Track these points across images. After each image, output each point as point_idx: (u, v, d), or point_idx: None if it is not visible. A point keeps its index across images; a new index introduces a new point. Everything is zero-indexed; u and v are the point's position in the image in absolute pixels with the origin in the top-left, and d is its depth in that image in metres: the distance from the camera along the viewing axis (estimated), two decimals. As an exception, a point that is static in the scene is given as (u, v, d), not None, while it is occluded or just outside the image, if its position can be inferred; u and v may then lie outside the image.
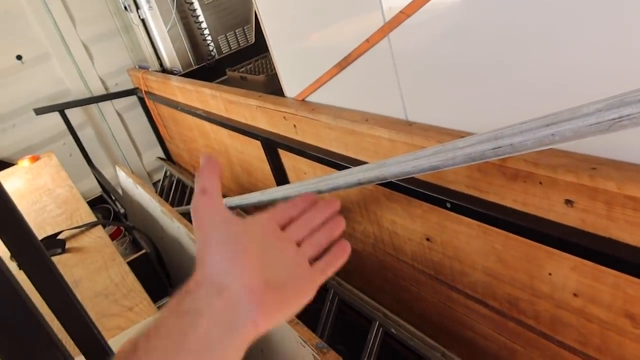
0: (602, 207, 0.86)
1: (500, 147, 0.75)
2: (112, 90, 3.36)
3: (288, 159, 1.89)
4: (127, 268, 1.40)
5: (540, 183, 0.94)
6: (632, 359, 0.99)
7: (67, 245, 1.66)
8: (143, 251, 1.63)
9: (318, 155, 1.56)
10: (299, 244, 0.47)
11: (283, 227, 0.48)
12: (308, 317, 1.99)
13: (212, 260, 0.40)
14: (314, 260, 0.47)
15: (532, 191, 0.97)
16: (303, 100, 1.63)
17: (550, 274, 1.06)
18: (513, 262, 1.13)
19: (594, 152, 0.89)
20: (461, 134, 1.10)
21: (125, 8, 2.82)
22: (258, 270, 0.40)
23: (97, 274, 1.41)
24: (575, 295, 1.03)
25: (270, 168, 1.96)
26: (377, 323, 1.60)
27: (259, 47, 2.70)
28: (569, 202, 0.91)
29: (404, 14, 1.09)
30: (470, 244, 1.23)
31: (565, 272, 1.02)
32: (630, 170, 0.83)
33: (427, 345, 1.45)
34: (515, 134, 0.72)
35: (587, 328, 1.05)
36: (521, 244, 1.08)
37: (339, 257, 0.49)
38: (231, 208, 1.81)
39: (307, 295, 0.44)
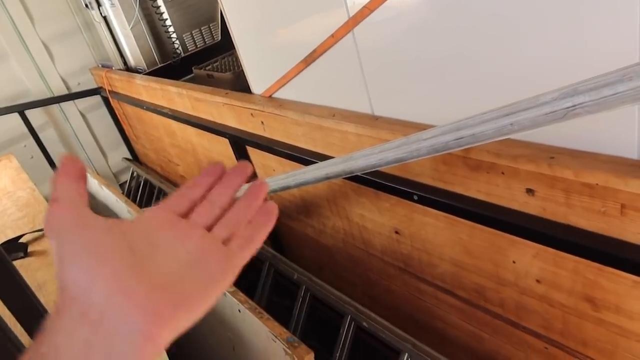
0: (560, 195, 0.89)
1: (462, 138, 0.76)
2: (75, 90, 3.27)
3: (256, 156, 1.88)
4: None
5: (503, 173, 0.96)
6: (592, 341, 1.02)
7: (30, 249, 1.61)
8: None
9: (286, 151, 1.56)
10: (209, 229, 0.40)
11: (186, 214, 0.41)
12: (280, 313, 1.99)
13: (70, 277, 0.32)
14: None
15: (495, 181, 0.99)
16: (270, 96, 1.62)
17: (514, 262, 1.08)
18: (479, 251, 1.16)
19: (553, 142, 0.92)
20: (426, 127, 1.12)
21: (86, 5, 2.75)
22: (132, 275, 0.34)
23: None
24: (538, 281, 1.06)
25: (239, 166, 1.95)
26: (349, 317, 1.61)
27: (226, 45, 2.67)
28: (529, 191, 0.94)
29: (368, 9, 1.10)
30: (438, 235, 1.25)
31: (528, 259, 1.05)
32: (586, 158, 0.86)
33: (398, 337, 1.46)
34: (476, 124, 0.74)
35: (550, 313, 1.08)
36: (486, 234, 1.10)
37: (262, 226, 0.41)
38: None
39: (223, 281, 0.38)
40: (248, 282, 2.16)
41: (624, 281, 0.89)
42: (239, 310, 1.09)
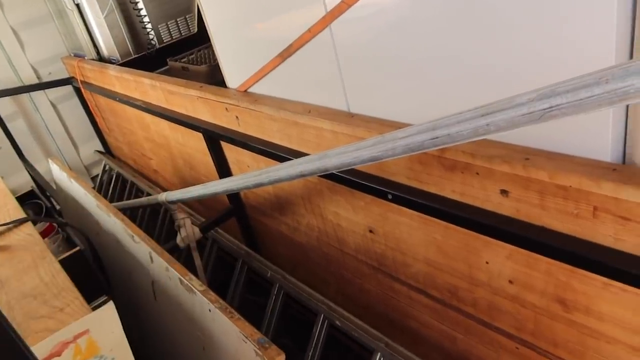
0: (535, 196, 0.89)
1: (437, 138, 0.75)
2: (45, 79, 3.17)
3: (231, 152, 1.84)
4: (58, 266, 1.32)
5: (477, 173, 0.96)
6: (562, 342, 1.03)
7: (-8, 244, 1.54)
8: (77, 248, 1.55)
9: (261, 147, 1.53)
10: None
11: None
12: (253, 311, 1.97)
13: None
14: None
15: (470, 182, 0.98)
16: (245, 91, 1.59)
17: (487, 263, 1.08)
18: (452, 251, 1.15)
19: (529, 143, 0.92)
20: (402, 125, 1.11)
21: (58, -8, 2.66)
22: None
23: (25, 273, 1.32)
24: (510, 282, 1.06)
25: (213, 161, 1.91)
26: (322, 316, 1.60)
27: (202, 37, 2.62)
28: (504, 192, 0.93)
29: (346, 4, 1.08)
30: (412, 235, 1.24)
31: (501, 260, 1.04)
32: (561, 160, 0.85)
33: (371, 336, 1.46)
34: (452, 124, 0.72)
35: (522, 314, 1.08)
36: (460, 234, 1.10)
37: None
38: (172, 202, 1.75)
39: None
40: (221, 279, 2.13)
41: (595, 283, 0.89)
42: (209, 310, 1.06)
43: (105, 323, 1.03)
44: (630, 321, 0.87)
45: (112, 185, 3.10)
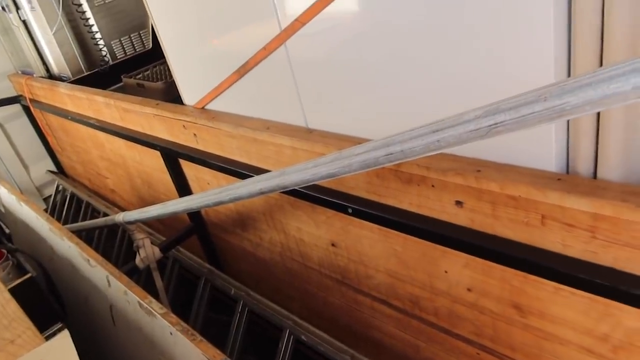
0: (487, 206, 0.92)
1: (392, 154, 0.77)
2: (-9, 97, 3.04)
3: (190, 169, 1.82)
4: (8, 296, 1.26)
5: (433, 186, 0.99)
6: (519, 346, 1.06)
7: None
8: (28, 275, 1.48)
9: (220, 164, 1.52)
10: None
11: None
12: (218, 330, 1.94)
13: None
14: None
15: (426, 194, 1.01)
16: (203, 108, 1.58)
17: (446, 272, 1.11)
18: (412, 262, 1.18)
19: (480, 155, 0.95)
20: (360, 141, 1.13)
21: (3, 8, 2.57)
22: None
23: (-28, 305, 1.26)
24: (469, 290, 1.09)
25: (172, 179, 1.88)
26: (288, 331, 1.59)
27: (157, 53, 2.57)
28: (458, 203, 0.96)
29: (300, 22, 1.10)
30: (373, 247, 1.26)
31: (459, 269, 1.07)
32: (510, 172, 0.89)
33: (337, 349, 1.46)
34: (405, 140, 0.74)
35: (481, 320, 1.11)
36: (419, 245, 1.12)
37: None
38: (130, 223, 1.71)
39: None
40: (184, 298, 2.09)
41: (546, 288, 0.93)
42: (171, 333, 1.04)
43: (60, 353, 0.99)
44: (581, 323, 0.91)
45: (66, 205, 2.99)
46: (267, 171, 1.30)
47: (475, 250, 0.98)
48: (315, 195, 1.24)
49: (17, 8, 2.52)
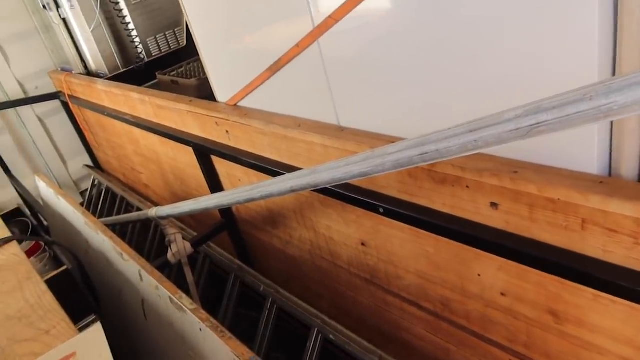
0: (524, 209, 0.89)
1: (426, 153, 0.75)
2: (32, 94, 3.14)
3: (222, 166, 1.84)
4: (44, 287, 1.30)
5: (467, 187, 0.96)
6: (555, 354, 1.03)
7: (-21, 264, 1.52)
8: (64, 267, 1.52)
9: (252, 161, 1.53)
10: None
11: None
12: (247, 326, 1.95)
13: None
14: None
15: (460, 194, 0.99)
16: (235, 105, 1.59)
17: (479, 275, 1.08)
18: (444, 264, 1.15)
19: (517, 156, 0.93)
20: (392, 139, 1.11)
21: (44, 7, 2.65)
22: None
23: (10, 295, 1.30)
24: (502, 294, 1.06)
25: (204, 175, 1.90)
26: (316, 330, 1.59)
27: (191, 50, 2.61)
28: (494, 204, 0.94)
29: (333, 19, 1.09)
30: (404, 247, 1.24)
31: (492, 272, 1.05)
32: (548, 173, 0.86)
33: (365, 350, 1.45)
34: (440, 139, 0.72)
35: (515, 326, 1.08)
36: (451, 247, 1.10)
37: None
38: (162, 218, 1.74)
39: None
40: (214, 294, 2.11)
41: (585, 294, 0.89)
42: (200, 329, 1.04)
43: (93, 345, 1.01)
44: (621, 332, 0.87)
45: (101, 199, 3.07)
46: (297, 168, 1.30)
47: (511, 254, 0.95)
48: (346, 194, 1.23)
49: (58, 6, 2.59)
